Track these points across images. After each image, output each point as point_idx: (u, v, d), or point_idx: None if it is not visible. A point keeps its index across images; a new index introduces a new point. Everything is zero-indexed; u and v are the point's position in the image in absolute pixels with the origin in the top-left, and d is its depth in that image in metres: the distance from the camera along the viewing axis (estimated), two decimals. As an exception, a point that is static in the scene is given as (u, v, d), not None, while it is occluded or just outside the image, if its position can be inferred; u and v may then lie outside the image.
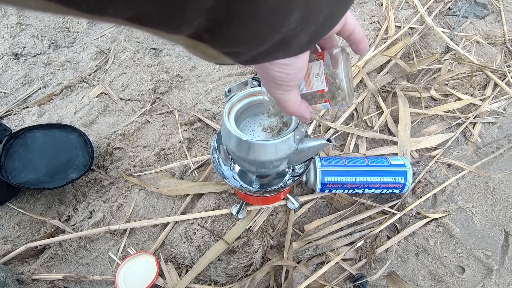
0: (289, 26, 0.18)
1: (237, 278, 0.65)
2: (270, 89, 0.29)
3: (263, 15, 0.16)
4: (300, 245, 0.67)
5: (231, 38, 0.18)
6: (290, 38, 0.19)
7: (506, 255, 0.67)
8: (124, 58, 0.98)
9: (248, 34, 0.18)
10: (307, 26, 0.19)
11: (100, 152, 0.79)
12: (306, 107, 0.34)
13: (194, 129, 0.84)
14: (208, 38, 0.17)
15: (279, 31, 0.18)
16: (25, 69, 0.94)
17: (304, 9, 0.18)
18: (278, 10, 0.17)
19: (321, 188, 0.65)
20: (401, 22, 1.05)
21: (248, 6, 0.16)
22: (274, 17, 0.17)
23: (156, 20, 0.15)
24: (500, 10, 1.09)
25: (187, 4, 0.14)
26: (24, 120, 0.85)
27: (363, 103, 0.87)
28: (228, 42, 0.18)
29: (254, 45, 0.19)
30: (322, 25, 0.20)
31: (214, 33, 0.17)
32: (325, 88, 0.34)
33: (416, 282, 0.65)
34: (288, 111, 0.32)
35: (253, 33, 0.18)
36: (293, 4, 0.17)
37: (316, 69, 0.34)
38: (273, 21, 0.17)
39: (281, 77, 0.26)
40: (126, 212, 0.72)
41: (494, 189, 0.75)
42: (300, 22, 0.18)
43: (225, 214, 0.71)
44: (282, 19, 0.17)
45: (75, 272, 0.66)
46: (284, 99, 0.30)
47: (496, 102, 0.88)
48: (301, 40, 0.20)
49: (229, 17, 0.16)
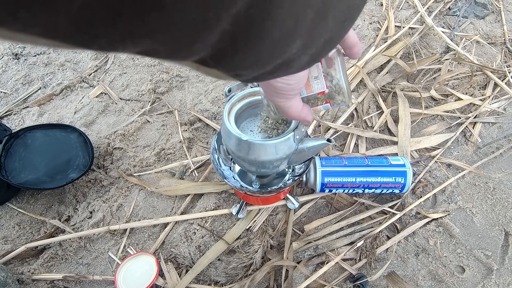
0: (291, 52, 0.19)
1: (237, 278, 0.65)
2: (271, 97, 0.29)
3: (267, 46, 0.17)
4: (300, 245, 0.67)
5: (235, 65, 0.18)
6: (291, 61, 0.20)
7: (506, 255, 0.67)
8: (124, 58, 0.98)
9: (251, 61, 0.18)
10: (308, 50, 0.20)
11: (100, 152, 0.79)
12: (308, 111, 0.34)
13: (194, 129, 0.84)
14: (213, 63, 0.18)
15: (281, 57, 0.19)
16: (25, 69, 0.94)
17: (306, 37, 0.18)
18: (281, 41, 0.17)
19: (321, 188, 0.65)
20: (401, 22, 1.05)
21: (253, 40, 0.16)
22: (277, 47, 0.18)
23: (164, 54, 0.15)
24: (500, 10, 1.09)
25: (195, 43, 0.15)
26: (24, 120, 0.85)
27: (363, 103, 0.87)
28: (232, 67, 0.19)
29: (257, 69, 0.20)
30: (323, 47, 0.21)
31: (218, 60, 0.17)
32: (326, 89, 0.34)
33: (416, 282, 0.65)
34: (290, 117, 0.32)
35: (257, 61, 0.18)
36: (296, 35, 0.17)
37: (315, 72, 0.34)
38: (276, 50, 0.18)
39: (282, 88, 0.27)
40: (126, 212, 0.72)
41: (494, 189, 0.75)
42: (301, 48, 0.19)
43: (225, 214, 0.71)
44: (284, 47, 0.18)
45: (75, 272, 0.66)
46: (286, 106, 0.31)
47: (496, 102, 0.88)
48: (302, 61, 0.21)
49: (234, 49, 0.16)
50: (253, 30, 0.15)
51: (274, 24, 0.15)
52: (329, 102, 0.36)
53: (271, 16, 0.15)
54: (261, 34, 0.16)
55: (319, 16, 0.17)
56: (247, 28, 0.15)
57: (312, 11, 0.16)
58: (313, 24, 0.17)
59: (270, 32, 0.16)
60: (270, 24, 0.15)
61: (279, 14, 0.15)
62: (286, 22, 0.16)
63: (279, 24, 0.15)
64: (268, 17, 0.15)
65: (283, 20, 0.15)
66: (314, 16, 0.16)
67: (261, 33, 0.16)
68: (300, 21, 0.16)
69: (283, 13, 0.15)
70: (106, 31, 0.12)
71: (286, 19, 0.15)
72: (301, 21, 0.16)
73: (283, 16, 0.15)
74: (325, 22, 0.18)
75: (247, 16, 0.14)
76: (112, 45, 0.13)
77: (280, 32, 0.16)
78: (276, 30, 0.16)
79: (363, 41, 1.01)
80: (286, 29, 0.16)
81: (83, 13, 0.11)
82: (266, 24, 0.15)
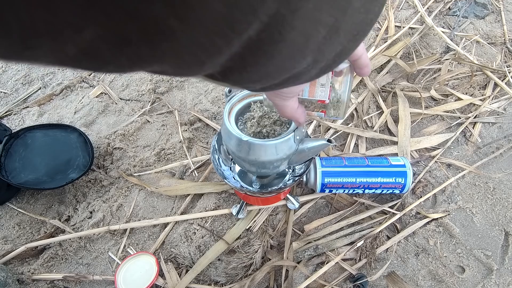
0: (301, 67, 0.19)
1: (237, 278, 0.65)
2: (269, 96, 0.30)
3: (276, 63, 0.17)
4: (300, 245, 0.67)
5: (242, 79, 0.18)
6: (300, 74, 0.20)
7: (506, 255, 0.67)
8: (124, 58, 0.98)
9: (259, 77, 0.18)
10: (318, 64, 0.20)
11: (100, 152, 0.79)
12: (302, 112, 0.34)
13: (194, 129, 0.84)
14: (220, 78, 0.18)
15: (291, 72, 0.19)
16: (25, 69, 0.94)
17: (318, 52, 0.18)
18: (291, 58, 0.17)
19: (321, 188, 0.65)
20: (401, 22, 1.05)
21: (263, 59, 0.16)
22: (287, 63, 0.17)
23: (172, 73, 0.16)
24: (500, 10, 1.09)
25: (204, 65, 0.15)
26: (24, 120, 0.85)
27: (363, 103, 0.87)
28: (239, 81, 0.19)
29: (265, 82, 0.20)
30: (333, 60, 0.20)
31: (226, 75, 0.17)
32: (327, 100, 0.34)
33: (416, 282, 0.65)
34: (284, 115, 0.33)
35: (265, 76, 0.18)
36: (307, 51, 0.17)
37: (323, 79, 0.34)
38: (285, 66, 0.18)
39: (282, 90, 0.27)
40: (126, 212, 0.72)
41: (494, 189, 0.75)
42: (311, 63, 0.19)
43: (225, 214, 0.71)
44: (294, 63, 0.18)
45: (75, 272, 0.66)
46: (282, 105, 0.31)
47: (496, 102, 0.88)
48: (311, 74, 0.21)
49: (243, 67, 0.16)
50: (263, 51, 0.15)
51: (285, 45, 0.15)
52: (324, 112, 0.36)
53: (283, 37, 0.15)
54: (271, 53, 0.16)
55: (331, 33, 0.17)
56: (258, 49, 0.15)
57: (324, 29, 0.16)
58: (325, 41, 0.17)
59: (280, 51, 0.16)
60: (281, 45, 0.15)
61: (290, 35, 0.15)
62: (297, 41, 0.16)
63: (290, 44, 0.15)
64: (280, 39, 0.15)
65: (294, 40, 0.15)
66: (326, 33, 0.16)
67: (271, 53, 0.16)
68: (312, 39, 0.16)
69: (295, 34, 0.15)
70: (115, 58, 0.12)
71: (297, 38, 0.15)
72: (313, 39, 0.16)
73: (295, 36, 0.15)
74: (337, 37, 0.18)
75: (259, 40, 0.14)
76: (121, 69, 0.14)
77: (291, 50, 0.16)
78: (286, 49, 0.16)
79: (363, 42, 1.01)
80: (297, 48, 0.16)
81: (91, 43, 0.11)
82: (277, 46, 0.15)
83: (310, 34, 0.16)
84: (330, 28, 0.16)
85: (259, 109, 0.47)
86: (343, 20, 0.17)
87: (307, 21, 0.15)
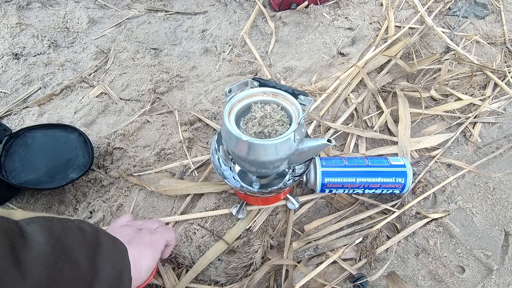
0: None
1: (237, 278, 0.65)
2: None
3: None
4: (300, 245, 0.67)
5: None
6: None
7: (506, 255, 0.67)
8: (124, 58, 0.98)
9: None
10: None
11: (100, 152, 0.79)
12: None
13: (194, 129, 0.84)
14: None
15: None
16: (25, 69, 0.94)
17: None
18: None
19: (321, 188, 0.65)
20: (401, 22, 1.05)
21: None
22: None
23: None
24: (500, 10, 1.09)
25: None
26: (24, 120, 0.85)
27: (363, 103, 0.88)
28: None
29: None
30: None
31: None
32: None
33: (416, 282, 0.65)
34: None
35: None
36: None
37: None
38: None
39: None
40: (126, 212, 0.72)
41: (494, 189, 0.75)
42: None
43: (225, 214, 0.71)
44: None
45: (75, 272, 0.66)
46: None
47: (496, 102, 0.88)
48: None
49: None
50: None
51: None
52: None
53: None
54: None
55: None
56: None
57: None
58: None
59: None
60: None
61: None
62: None
63: None
64: None
65: None
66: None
67: None
68: None
69: None
70: None
71: None
72: None
73: None
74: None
75: None
76: None
77: None
78: None
79: (363, 41, 1.01)
80: None
81: None
82: None
83: None
84: None
85: (260, 110, 0.47)
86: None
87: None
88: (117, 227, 0.53)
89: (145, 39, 1.04)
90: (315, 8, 1.07)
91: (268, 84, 0.51)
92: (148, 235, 0.50)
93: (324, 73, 0.95)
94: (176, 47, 1.03)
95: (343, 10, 1.08)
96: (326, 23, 1.05)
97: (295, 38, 1.04)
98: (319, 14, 1.07)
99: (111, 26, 1.05)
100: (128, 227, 0.53)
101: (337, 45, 1.00)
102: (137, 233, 0.49)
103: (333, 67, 0.97)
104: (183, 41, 1.04)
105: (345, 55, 1.00)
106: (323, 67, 0.96)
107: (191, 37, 1.05)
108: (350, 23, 1.04)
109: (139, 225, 0.54)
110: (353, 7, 1.10)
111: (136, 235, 0.49)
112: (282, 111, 0.48)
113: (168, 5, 1.13)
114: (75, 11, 1.07)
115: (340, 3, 1.10)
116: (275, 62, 0.99)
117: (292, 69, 0.96)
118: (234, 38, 1.04)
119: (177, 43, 1.04)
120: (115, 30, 1.05)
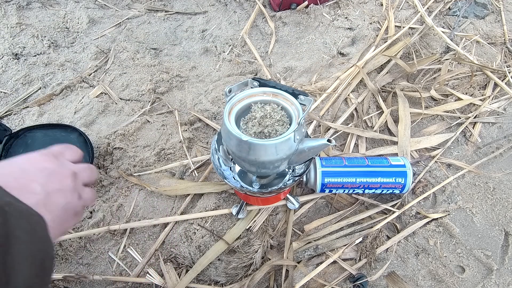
0: None
1: (237, 278, 0.65)
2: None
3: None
4: (300, 245, 0.67)
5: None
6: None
7: (506, 255, 0.67)
8: (124, 58, 0.98)
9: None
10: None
11: (100, 152, 0.79)
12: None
13: (194, 129, 0.84)
14: None
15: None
16: (25, 69, 0.94)
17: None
18: None
19: (321, 188, 0.65)
20: (401, 22, 1.05)
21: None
22: None
23: None
24: (500, 10, 1.09)
25: None
26: (24, 120, 0.85)
27: (363, 103, 0.88)
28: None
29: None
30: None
31: None
32: None
33: (416, 282, 0.65)
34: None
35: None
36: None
37: None
38: None
39: None
40: (126, 212, 0.72)
41: (494, 189, 0.75)
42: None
43: (225, 214, 0.71)
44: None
45: (75, 272, 0.66)
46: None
47: (496, 102, 0.88)
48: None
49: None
50: None
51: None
52: None
53: None
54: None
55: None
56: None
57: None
58: None
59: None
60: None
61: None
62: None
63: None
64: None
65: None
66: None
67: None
68: None
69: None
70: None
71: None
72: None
73: None
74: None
75: None
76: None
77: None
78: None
79: (363, 41, 1.01)
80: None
81: None
82: None
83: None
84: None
85: (260, 110, 0.47)
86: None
87: None
88: (38, 171, 0.33)
89: (145, 39, 1.04)
90: (315, 8, 1.07)
91: (268, 84, 0.51)
92: (65, 195, 0.34)
93: (324, 73, 0.95)
94: (176, 47, 1.03)
95: (343, 10, 1.08)
96: (326, 23, 1.05)
97: (295, 38, 1.04)
98: (319, 14, 1.07)
99: (111, 26, 1.05)
100: (52, 174, 0.34)
101: (337, 45, 1.00)
102: (57, 190, 0.33)
103: (333, 67, 0.97)
104: (183, 41, 1.04)
105: (345, 55, 1.00)
106: (323, 67, 0.96)
107: (191, 37, 1.05)
108: (350, 23, 1.04)
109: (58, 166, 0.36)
110: (353, 7, 1.10)
111: (53, 192, 0.32)
112: (282, 111, 0.48)
113: (168, 5, 1.13)
114: (75, 11, 1.07)
115: (340, 3, 1.10)
116: (275, 62, 0.99)
117: (292, 69, 0.96)
118: (234, 38, 1.04)
119: (177, 43, 1.04)
120: (115, 30, 1.05)
